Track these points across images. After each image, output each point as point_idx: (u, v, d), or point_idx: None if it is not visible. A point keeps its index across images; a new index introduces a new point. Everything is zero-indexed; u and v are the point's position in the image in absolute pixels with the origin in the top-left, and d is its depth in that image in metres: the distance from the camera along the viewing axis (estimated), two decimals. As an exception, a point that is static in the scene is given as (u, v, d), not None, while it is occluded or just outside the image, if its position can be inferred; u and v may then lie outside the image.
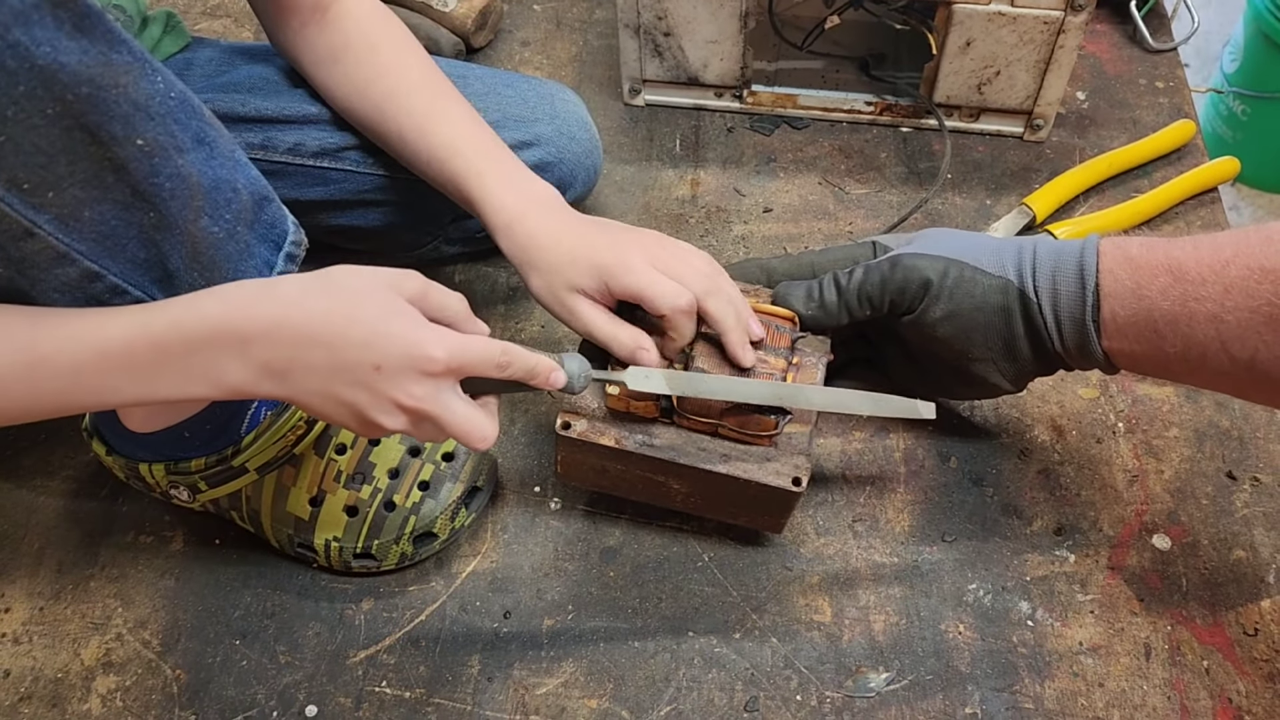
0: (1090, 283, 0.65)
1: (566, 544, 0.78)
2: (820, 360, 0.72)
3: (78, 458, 0.83)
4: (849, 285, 0.71)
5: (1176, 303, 0.61)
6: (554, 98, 0.89)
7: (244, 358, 0.54)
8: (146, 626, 0.75)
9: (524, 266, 0.71)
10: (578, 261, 0.68)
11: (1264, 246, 0.58)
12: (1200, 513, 0.78)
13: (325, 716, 0.70)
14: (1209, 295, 0.59)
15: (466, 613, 0.75)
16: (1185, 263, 0.61)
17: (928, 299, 0.69)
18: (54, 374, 0.53)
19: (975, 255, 0.69)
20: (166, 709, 0.71)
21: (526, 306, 0.92)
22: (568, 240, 0.69)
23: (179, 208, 0.57)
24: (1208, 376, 0.63)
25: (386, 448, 0.75)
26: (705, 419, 0.68)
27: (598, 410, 0.70)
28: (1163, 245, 0.63)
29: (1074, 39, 0.94)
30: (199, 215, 0.58)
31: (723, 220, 0.98)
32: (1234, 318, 0.59)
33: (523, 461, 0.82)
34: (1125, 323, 0.64)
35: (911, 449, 0.82)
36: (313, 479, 0.73)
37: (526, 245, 0.71)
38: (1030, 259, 0.68)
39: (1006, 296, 0.68)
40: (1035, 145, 1.04)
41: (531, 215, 0.71)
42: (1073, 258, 0.66)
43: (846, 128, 1.06)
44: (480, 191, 0.73)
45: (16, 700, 0.72)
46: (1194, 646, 0.72)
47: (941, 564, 0.76)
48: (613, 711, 0.70)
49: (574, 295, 0.68)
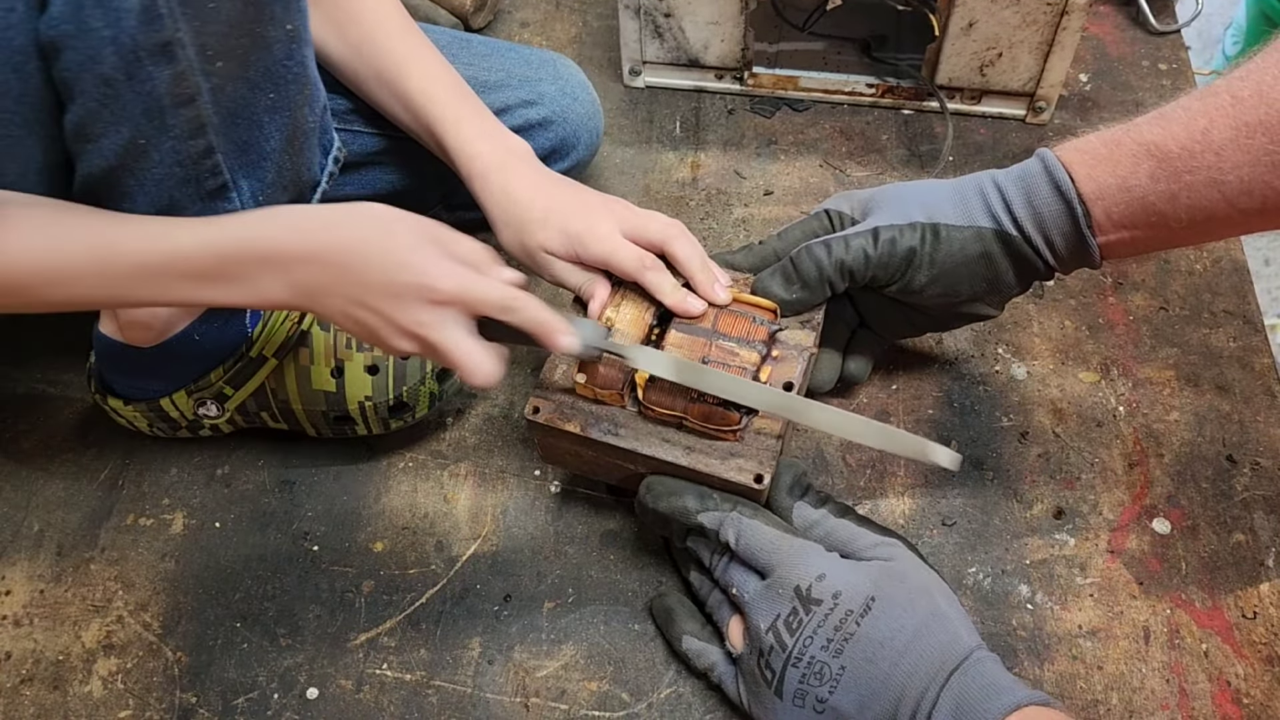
0: (1072, 194, 0.64)
1: (567, 527, 0.78)
2: (802, 354, 0.70)
3: (78, 440, 0.83)
4: (829, 261, 0.70)
5: (1169, 181, 0.61)
6: (555, 62, 0.90)
7: (287, 277, 0.59)
8: (147, 609, 0.75)
9: (496, 219, 0.74)
10: (549, 224, 0.71)
11: (1237, 106, 0.59)
12: (1200, 496, 0.78)
13: (326, 699, 0.71)
14: (1201, 164, 0.60)
15: (467, 595, 0.75)
16: (1163, 142, 0.61)
17: (911, 269, 0.69)
18: (124, 270, 0.58)
19: (943, 210, 0.69)
20: (168, 691, 0.71)
21: (529, 275, 0.92)
22: (541, 201, 0.72)
23: (294, 93, 0.62)
24: (1213, 232, 0.64)
25: None
26: (670, 411, 0.67)
27: (567, 397, 0.69)
28: (1127, 133, 0.64)
29: (1077, 20, 0.94)
30: (302, 104, 0.63)
31: (723, 203, 0.98)
32: (1234, 175, 0.59)
33: (523, 446, 0.82)
34: (1120, 217, 0.64)
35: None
36: (328, 352, 0.76)
37: (500, 199, 0.73)
38: (998, 196, 0.68)
39: (984, 243, 0.68)
40: (1037, 128, 1.03)
41: (508, 167, 0.74)
42: (1042, 178, 0.66)
43: (848, 110, 1.06)
44: (456, 139, 0.75)
45: (18, 682, 0.72)
46: (1193, 630, 0.72)
47: (941, 547, 0.76)
48: (613, 694, 0.70)
49: (541, 253, 0.72)
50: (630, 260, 0.70)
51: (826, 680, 0.60)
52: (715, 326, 0.69)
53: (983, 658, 0.60)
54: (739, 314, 0.70)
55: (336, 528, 0.78)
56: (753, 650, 0.63)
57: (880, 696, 0.58)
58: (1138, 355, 0.86)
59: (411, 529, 0.78)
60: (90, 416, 0.84)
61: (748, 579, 0.65)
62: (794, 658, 0.61)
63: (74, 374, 0.86)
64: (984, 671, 0.58)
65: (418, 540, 0.78)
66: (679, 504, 0.66)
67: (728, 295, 0.71)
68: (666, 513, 0.67)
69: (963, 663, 0.58)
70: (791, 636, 0.61)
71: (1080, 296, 0.90)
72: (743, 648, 0.65)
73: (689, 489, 0.67)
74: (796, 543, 0.64)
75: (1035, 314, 0.89)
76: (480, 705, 0.70)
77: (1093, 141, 0.65)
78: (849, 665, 0.59)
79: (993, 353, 0.87)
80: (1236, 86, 0.59)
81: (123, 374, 0.75)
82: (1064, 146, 0.66)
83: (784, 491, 0.68)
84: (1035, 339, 0.87)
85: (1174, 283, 0.91)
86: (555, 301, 0.90)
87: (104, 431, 0.82)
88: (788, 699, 0.61)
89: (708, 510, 0.66)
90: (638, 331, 0.70)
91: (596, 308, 0.71)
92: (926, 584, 0.62)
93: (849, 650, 0.59)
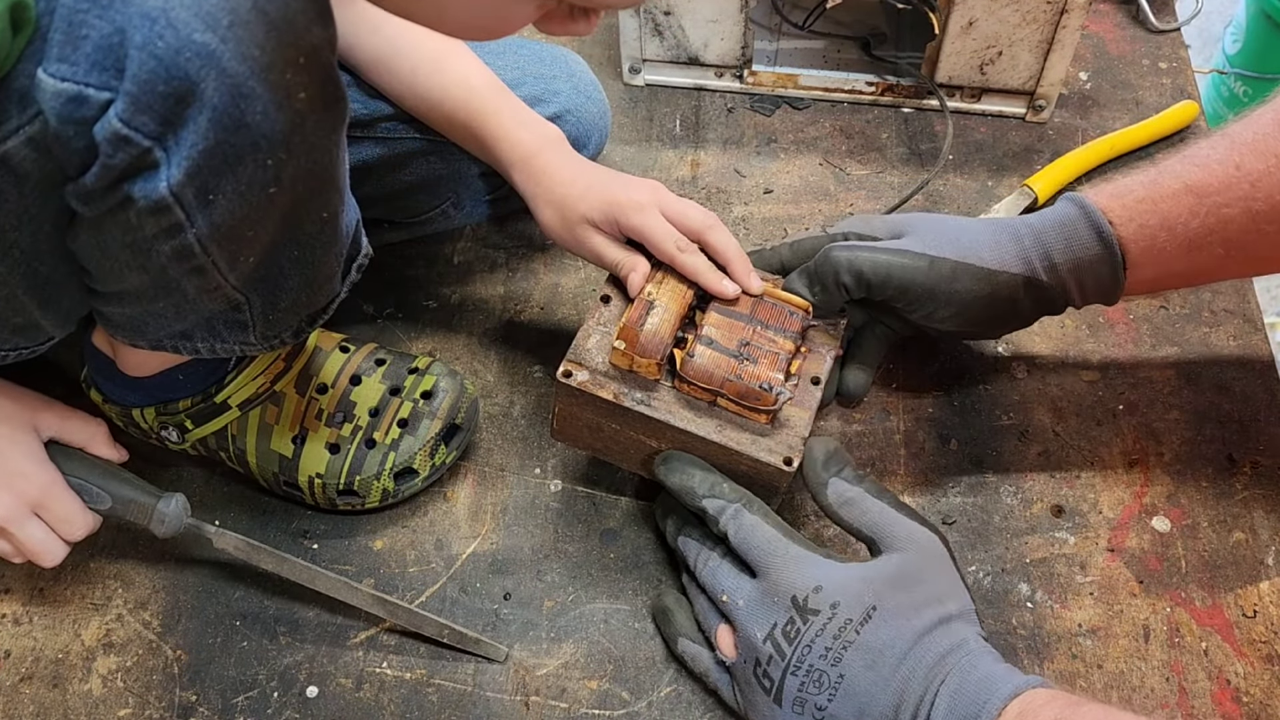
0: (1113, 239, 0.68)
1: (567, 526, 0.78)
2: (829, 353, 0.71)
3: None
4: (851, 264, 0.69)
5: (1207, 216, 0.66)
6: (567, 59, 0.90)
7: None
8: (147, 607, 0.75)
9: (537, 199, 0.76)
10: (589, 197, 0.73)
11: (1263, 140, 0.65)
12: (1200, 495, 0.78)
13: (326, 697, 0.71)
14: (1238, 195, 0.65)
15: (467, 594, 0.75)
16: (1203, 180, 0.66)
17: (934, 303, 0.69)
18: None
19: (975, 250, 0.69)
20: (167, 689, 0.71)
21: (525, 288, 0.92)
22: (583, 177, 0.75)
23: (320, 252, 0.61)
24: (1244, 265, 0.70)
25: (367, 387, 0.77)
26: (706, 386, 0.68)
27: (601, 365, 0.69)
28: (1161, 174, 0.68)
29: (1077, 19, 0.94)
30: (330, 256, 0.63)
31: (723, 201, 0.98)
32: (1266, 204, 0.65)
33: (523, 444, 0.82)
34: (1158, 256, 0.68)
35: (912, 431, 0.82)
36: (295, 417, 0.75)
37: (541, 179, 0.76)
38: (1035, 243, 0.69)
39: (1014, 289, 0.69)
40: (1037, 126, 1.03)
41: (547, 151, 0.76)
42: (1083, 224, 0.68)
43: (848, 108, 1.06)
44: (497, 128, 0.77)
45: (18, 681, 0.72)
46: (1193, 628, 0.72)
47: (941, 546, 0.76)
48: (613, 693, 0.70)
49: (584, 226, 0.74)
50: (667, 238, 0.71)
51: (825, 688, 0.59)
52: (754, 313, 0.70)
53: (976, 650, 0.59)
54: (775, 305, 0.71)
55: (336, 526, 0.78)
56: (748, 659, 0.63)
57: (878, 701, 0.58)
58: (1138, 355, 0.86)
59: (411, 527, 0.78)
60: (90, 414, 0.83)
61: (740, 584, 0.64)
62: (793, 666, 0.60)
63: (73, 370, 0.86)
64: (978, 664, 0.58)
65: (417, 539, 0.78)
66: (688, 482, 0.66)
67: (761, 285, 0.72)
68: (675, 488, 0.67)
69: (957, 658, 0.58)
70: (790, 645, 0.61)
71: (1080, 295, 0.90)
72: (735, 656, 0.64)
73: (702, 470, 0.67)
74: (794, 548, 0.63)
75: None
76: (480, 704, 0.70)
77: (1127, 184, 0.69)
78: (848, 674, 0.59)
79: (993, 352, 0.87)
80: (1256, 124, 0.66)
81: (106, 380, 0.75)
82: (1096, 191, 0.70)
83: (819, 465, 0.66)
84: (1035, 338, 0.87)
85: (1174, 281, 0.91)
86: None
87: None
88: (787, 706, 0.61)
89: (713, 497, 0.66)
90: (679, 307, 0.70)
91: (637, 282, 0.71)
92: (939, 592, 0.61)
93: (848, 658, 0.59)
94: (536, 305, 0.91)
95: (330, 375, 0.76)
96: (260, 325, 0.64)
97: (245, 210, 0.52)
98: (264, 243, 0.56)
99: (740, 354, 0.68)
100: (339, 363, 0.77)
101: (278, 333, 0.66)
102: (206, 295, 0.57)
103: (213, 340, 0.64)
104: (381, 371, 0.78)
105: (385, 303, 0.91)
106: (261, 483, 0.78)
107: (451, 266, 0.93)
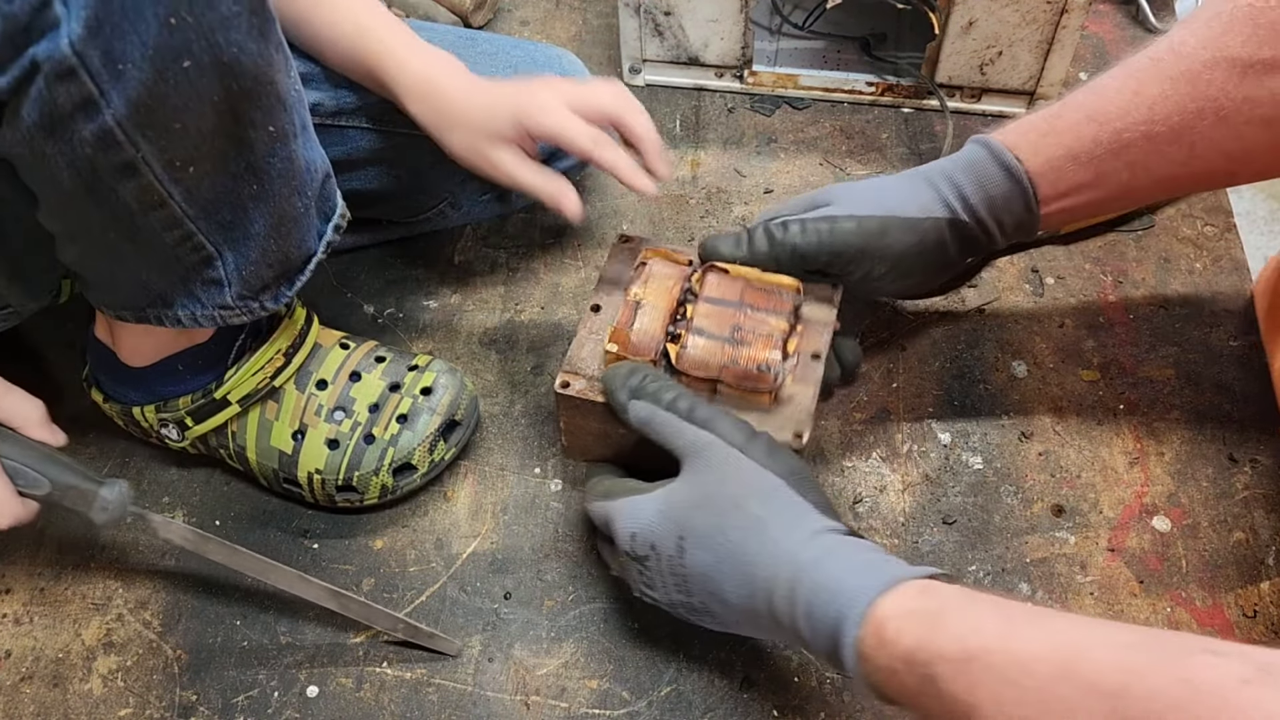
0: (1021, 174, 0.69)
1: (567, 525, 0.78)
2: (825, 328, 0.71)
3: (77, 438, 0.83)
4: (783, 239, 0.70)
5: (1111, 142, 0.67)
6: (560, 59, 0.90)
7: None
8: (147, 607, 0.75)
9: (442, 128, 0.75)
10: (495, 112, 0.72)
11: (1158, 65, 0.66)
12: (1200, 495, 0.78)
13: (326, 697, 0.71)
14: (1138, 120, 0.66)
15: (467, 593, 0.75)
16: (1102, 108, 0.67)
17: (869, 261, 0.70)
18: None
19: (898, 203, 0.70)
20: (168, 689, 0.71)
21: (526, 288, 0.92)
22: (482, 96, 0.73)
23: (280, 185, 0.62)
24: (1153, 187, 0.70)
25: (367, 383, 0.77)
26: (703, 375, 0.68)
27: (597, 372, 0.69)
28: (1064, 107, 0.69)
29: (1077, 19, 0.94)
30: (291, 192, 0.63)
31: (723, 201, 0.98)
32: (1165, 126, 0.66)
33: (523, 443, 0.82)
34: (1068, 186, 0.69)
35: (912, 431, 0.82)
36: (294, 414, 0.75)
37: (442, 106, 0.74)
38: (949, 186, 0.70)
39: (940, 232, 0.70)
40: (1037, 126, 1.03)
41: (444, 77, 0.75)
42: (991, 163, 0.69)
43: (848, 108, 1.06)
44: (392, 63, 0.76)
45: (18, 680, 0.72)
46: (1193, 628, 0.72)
47: (942, 545, 0.76)
48: (613, 692, 0.70)
49: (495, 146, 0.73)
50: (582, 136, 0.70)
51: (699, 611, 0.62)
52: (743, 299, 0.70)
53: (820, 558, 0.55)
54: (763, 289, 0.70)
55: (336, 525, 0.78)
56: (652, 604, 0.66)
57: (742, 614, 0.60)
58: (1137, 355, 0.86)
59: (411, 527, 0.78)
60: (90, 416, 0.83)
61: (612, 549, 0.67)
62: (667, 606, 0.64)
63: (74, 374, 0.86)
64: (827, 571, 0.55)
65: (417, 538, 0.78)
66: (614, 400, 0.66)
67: (670, 171, 0.71)
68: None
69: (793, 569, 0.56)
70: (654, 591, 0.64)
71: (1080, 296, 0.90)
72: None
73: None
74: (611, 505, 0.66)
75: (1035, 313, 0.89)
76: (480, 703, 0.70)
77: (1030, 120, 0.70)
78: (701, 598, 0.61)
79: (993, 352, 0.87)
80: (1152, 51, 0.67)
81: (107, 376, 0.75)
82: (1002, 130, 0.71)
83: (617, 391, 0.66)
84: (1035, 338, 0.87)
85: (1174, 282, 0.91)
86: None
87: (104, 431, 0.82)
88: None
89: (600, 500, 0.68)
90: (666, 304, 0.70)
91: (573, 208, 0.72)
92: (734, 496, 0.60)
93: (692, 586, 0.61)
94: (536, 305, 0.91)
95: (330, 371, 0.77)
96: (235, 283, 0.64)
97: (163, 88, 0.51)
98: (207, 154, 0.56)
99: (733, 339, 0.68)
100: (339, 359, 0.77)
101: (254, 292, 0.66)
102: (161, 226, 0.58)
103: (192, 306, 0.64)
104: (381, 368, 0.78)
105: (385, 303, 0.91)
106: (261, 481, 0.78)
107: (451, 266, 0.94)
